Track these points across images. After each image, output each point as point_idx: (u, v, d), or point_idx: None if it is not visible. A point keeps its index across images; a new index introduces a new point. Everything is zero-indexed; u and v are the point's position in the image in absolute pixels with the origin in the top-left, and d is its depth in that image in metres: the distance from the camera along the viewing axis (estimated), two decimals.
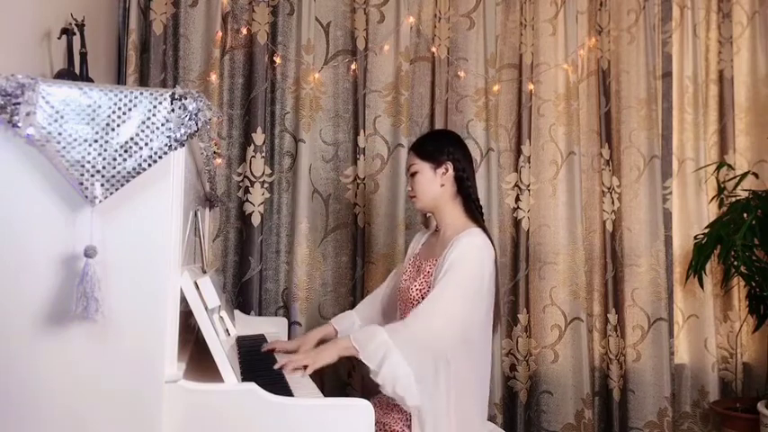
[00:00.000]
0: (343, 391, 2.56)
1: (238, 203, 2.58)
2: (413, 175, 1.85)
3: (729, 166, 2.97)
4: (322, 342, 1.95)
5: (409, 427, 1.70)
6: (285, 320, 2.38)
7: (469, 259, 1.69)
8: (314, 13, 2.62)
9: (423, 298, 1.75)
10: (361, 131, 2.63)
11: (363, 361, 1.60)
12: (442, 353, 1.66)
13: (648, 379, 2.81)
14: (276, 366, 1.62)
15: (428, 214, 1.91)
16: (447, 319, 1.66)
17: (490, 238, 1.79)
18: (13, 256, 1.13)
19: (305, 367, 1.62)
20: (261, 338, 2.05)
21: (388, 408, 1.76)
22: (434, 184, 1.83)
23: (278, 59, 2.58)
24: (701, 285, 2.85)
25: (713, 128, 3.04)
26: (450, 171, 1.83)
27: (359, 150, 2.63)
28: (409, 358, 1.60)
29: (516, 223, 2.77)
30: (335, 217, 2.65)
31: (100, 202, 1.12)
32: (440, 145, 1.84)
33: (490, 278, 1.74)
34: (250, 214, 2.54)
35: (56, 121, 1.11)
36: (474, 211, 1.85)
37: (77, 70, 1.68)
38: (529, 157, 2.77)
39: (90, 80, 1.70)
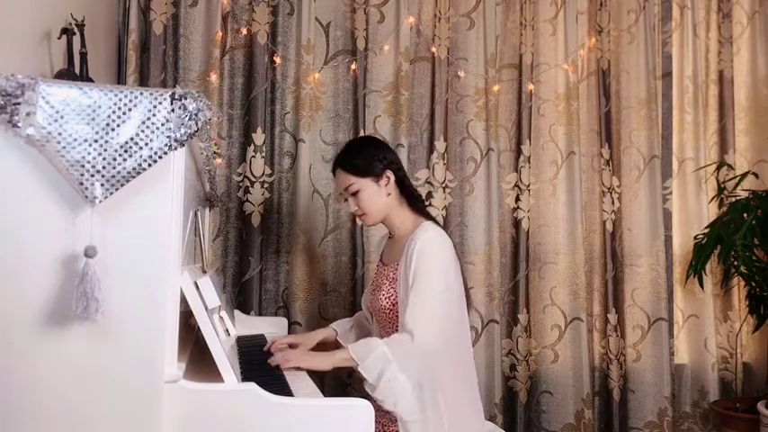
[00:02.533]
0: (344, 391, 2.56)
1: (238, 203, 2.58)
2: (354, 194, 1.80)
3: (729, 166, 2.97)
4: (322, 344, 1.96)
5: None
6: (285, 320, 2.38)
7: (431, 257, 1.68)
8: (314, 13, 2.62)
9: (393, 305, 1.75)
10: (361, 131, 2.63)
11: (362, 373, 1.59)
12: (435, 362, 1.66)
13: (648, 379, 2.81)
14: (270, 360, 1.65)
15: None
16: (434, 328, 1.64)
17: (440, 226, 1.80)
18: (13, 257, 1.13)
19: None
20: (261, 338, 2.05)
21: (385, 408, 1.76)
22: (381, 196, 1.79)
23: (278, 59, 2.58)
24: (701, 285, 2.85)
25: (713, 128, 3.04)
26: (392, 178, 1.80)
27: None
28: (407, 372, 1.59)
29: (516, 223, 2.77)
30: (335, 217, 2.65)
31: (100, 202, 1.12)
32: (370, 156, 1.80)
33: (455, 269, 1.74)
34: (250, 214, 2.54)
35: (56, 121, 1.11)
36: (418, 206, 1.86)
37: (77, 70, 1.68)
38: (529, 157, 2.77)
39: (90, 80, 1.70)
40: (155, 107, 1.15)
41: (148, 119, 1.14)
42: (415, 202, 1.85)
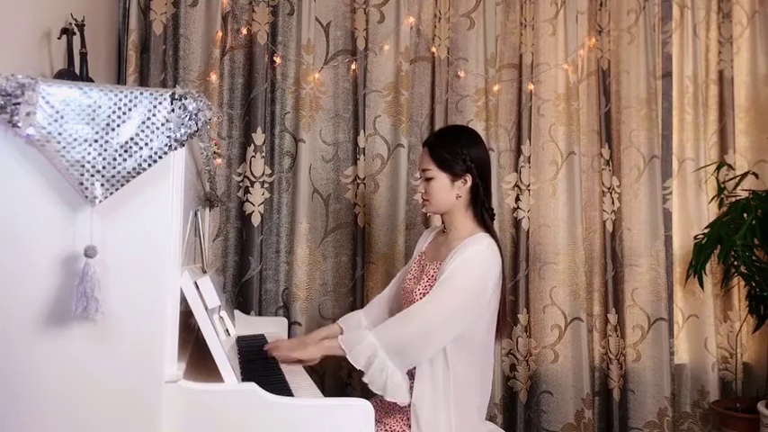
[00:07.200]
0: (344, 391, 2.56)
1: (238, 203, 2.58)
2: (427, 179, 1.77)
3: (729, 166, 2.97)
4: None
5: (410, 426, 1.70)
6: (285, 320, 2.38)
7: (472, 266, 1.66)
8: (314, 13, 2.62)
9: None
10: (361, 131, 2.63)
11: (350, 361, 1.60)
12: (434, 352, 1.65)
13: (648, 379, 2.81)
14: (266, 347, 1.75)
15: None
16: (436, 319, 1.64)
17: (498, 244, 1.75)
18: (13, 257, 1.13)
19: (299, 361, 1.72)
20: (261, 338, 2.05)
21: (388, 407, 1.76)
22: (451, 194, 1.76)
23: (278, 59, 2.58)
24: (701, 285, 2.85)
25: (713, 128, 3.04)
26: (469, 183, 1.77)
27: (359, 150, 2.63)
28: (395, 358, 1.60)
29: (516, 223, 2.77)
30: (335, 217, 2.65)
31: (100, 202, 1.12)
32: (458, 152, 1.75)
33: (495, 285, 1.71)
34: (250, 214, 2.54)
35: (56, 121, 1.11)
36: (485, 218, 1.79)
37: (77, 70, 1.68)
38: (529, 157, 2.77)
39: (90, 80, 1.70)
40: (155, 107, 1.15)
41: (148, 119, 1.14)
42: (484, 213, 1.79)
